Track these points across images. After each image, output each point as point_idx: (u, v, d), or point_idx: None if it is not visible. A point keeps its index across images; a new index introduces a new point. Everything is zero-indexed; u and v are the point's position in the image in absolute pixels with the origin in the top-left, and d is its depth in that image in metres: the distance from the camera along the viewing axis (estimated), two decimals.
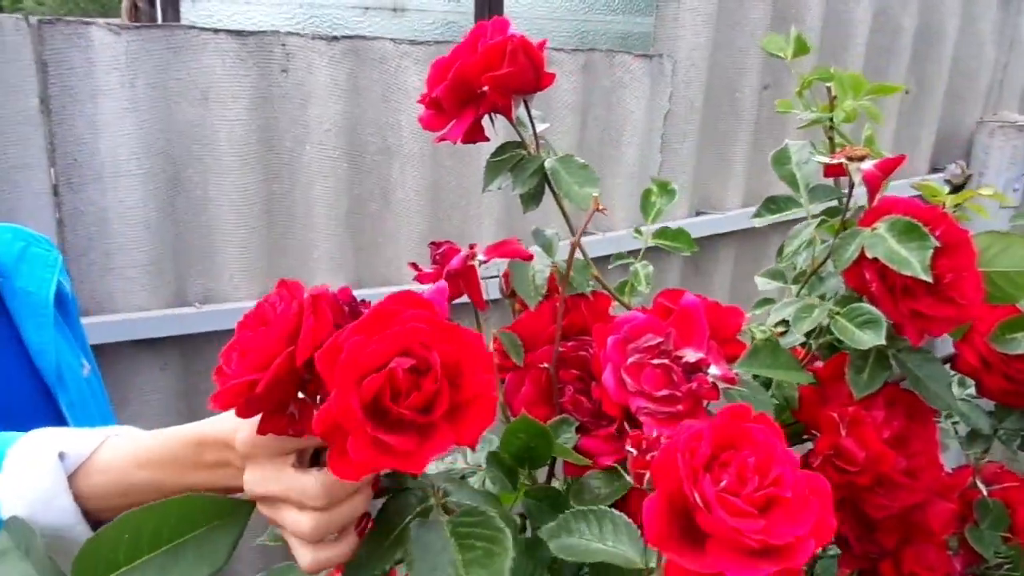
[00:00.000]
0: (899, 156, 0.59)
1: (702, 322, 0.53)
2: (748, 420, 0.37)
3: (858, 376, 0.61)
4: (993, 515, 0.74)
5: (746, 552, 0.34)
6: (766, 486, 0.35)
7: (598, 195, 0.58)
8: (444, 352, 0.36)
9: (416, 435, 0.36)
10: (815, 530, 0.35)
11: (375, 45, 1.58)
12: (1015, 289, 0.60)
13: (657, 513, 0.36)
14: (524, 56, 0.55)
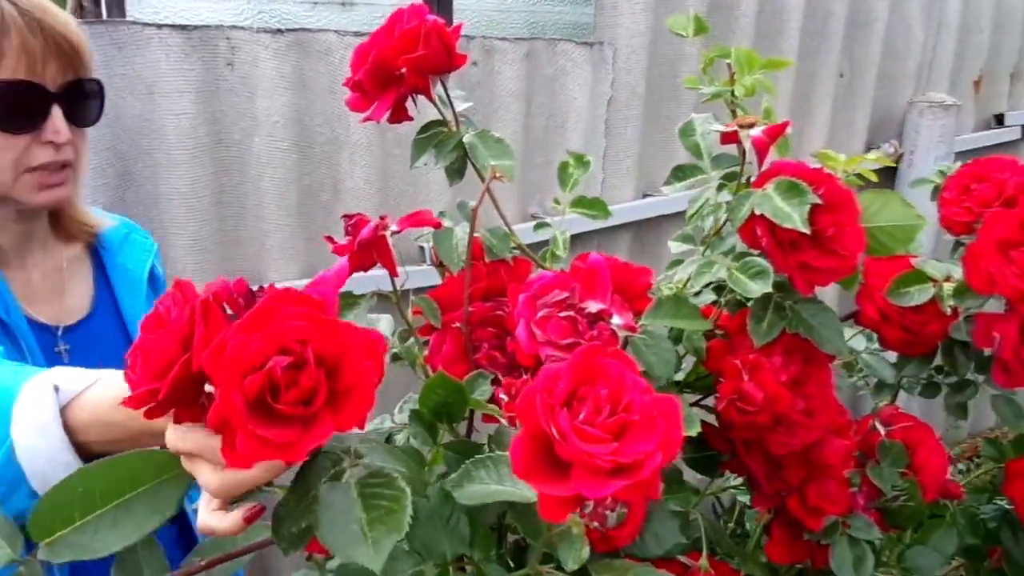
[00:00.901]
0: (784, 122, 0.65)
1: (605, 278, 0.58)
2: (603, 357, 0.42)
3: (758, 326, 0.67)
4: (893, 454, 0.81)
5: (602, 473, 0.39)
6: (617, 412, 0.40)
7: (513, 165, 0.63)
8: (321, 346, 0.40)
9: (300, 426, 0.40)
10: (663, 445, 0.40)
11: (320, 37, 1.61)
12: (893, 242, 0.66)
13: (522, 449, 0.41)
14: (437, 39, 0.60)
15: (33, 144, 0.88)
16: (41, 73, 0.87)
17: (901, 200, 0.66)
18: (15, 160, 0.88)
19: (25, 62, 0.85)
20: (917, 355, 0.84)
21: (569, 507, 0.41)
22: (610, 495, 0.39)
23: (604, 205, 0.73)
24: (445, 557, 0.55)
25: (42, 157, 0.89)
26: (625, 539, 0.63)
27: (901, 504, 0.76)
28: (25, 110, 0.87)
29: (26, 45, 0.85)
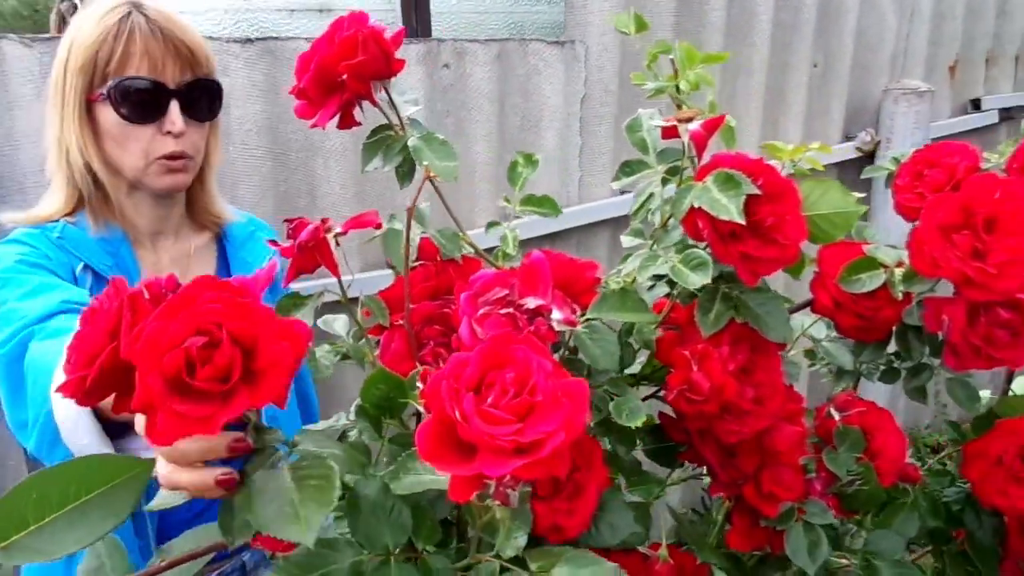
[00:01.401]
0: (720, 116, 0.66)
1: (546, 274, 0.59)
2: (513, 343, 0.43)
3: (705, 316, 0.68)
4: (850, 439, 0.82)
5: (504, 453, 0.40)
6: (523, 395, 0.41)
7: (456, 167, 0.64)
8: (236, 328, 0.42)
9: (218, 401, 0.42)
10: (565, 425, 0.41)
11: (290, 45, 1.62)
12: (833, 229, 0.68)
13: (427, 433, 0.42)
14: (375, 45, 0.61)
15: (156, 135, 1.03)
16: (161, 72, 1.01)
17: (840, 188, 0.67)
18: (144, 149, 1.03)
19: (148, 62, 1.00)
20: (872, 341, 0.85)
21: (472, 487, 0.42)
22: (509, 473, 0.40)
23: (554, 203, 0.74)
24: (388, 548, 0.56)
25: (166, 147, 1.03)
26: (576, 529, 0.64)
27: (857, 488, 0.77)
28: (147, 104, 1.02)
29: (149, 48, 1.00)
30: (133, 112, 1.01)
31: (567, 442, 0.42)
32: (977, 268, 0.69)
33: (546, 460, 0.41)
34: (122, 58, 1.00)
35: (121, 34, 0.99)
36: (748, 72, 2.20)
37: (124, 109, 1.00)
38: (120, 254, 1.06)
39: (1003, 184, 0.70)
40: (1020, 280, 0.69)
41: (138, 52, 1.00)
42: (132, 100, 1.01)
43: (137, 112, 1.01)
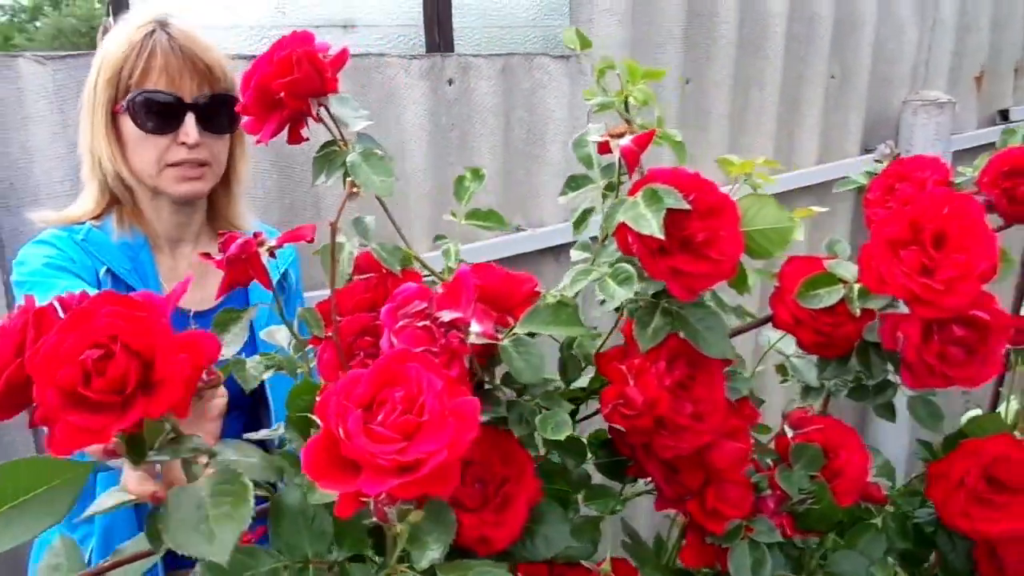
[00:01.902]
0: (650, 131, 0.66)
1: (468, 288, 0.60)
2: (407, 361, 0.44)
3: (643, 331, 0.68)
4: (808, 456, 0.81)
5: (385, 471, 0.41)
6: (410, 413, 0.42)
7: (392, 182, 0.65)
8: (132, 341, 0.43)
9: (116, 412, 0.43)
10: (450, 445, 0.41)
11: None
12: (770, 244, 0.67)
13: (314, 449, 0.43)
14: (309, 64, 0.62)
15: (172, 144, 1.08)
16: (179, 86, 1.07)
17: (775, 204, 0.67)
18: (158, 157, 1.08)
19: (166, 77, 1.06)
20: (833, 357, 0.83)
21: (352, 504, 0.43)
22: (385, 492, 0.41)
23: (499, 216, 0.75)
24: (307, 556, 0.57)
25: (177, 155, 1.08)
26: (504, 540, 0.64)
27: (808, 507, 0.76)
28: (164, 116, 1.07)
29: (167, 64, 1.06)
30: (150, 123, 1.07)
31: (450, 461, 0.43)
32: (923, 284, 0.68)
33: (423, 480, 0.41)
34: (143, 72, 1.06)
35: (144, 50, 1.06)
36: (760, 85, 2.18)
37: (141, 120, 1.07)
38: (139, 259, 1.10)
39: (953, 199, 0.69)
40: (968, 297, 0.68)
41: (157, 67, 1.06)
42: (149, 112, 1.07)
43: (154, 123, 1.07)
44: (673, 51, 2.02)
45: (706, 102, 2.12)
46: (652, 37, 2.00)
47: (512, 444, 0.67)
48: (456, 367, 0.56)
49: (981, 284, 0.68)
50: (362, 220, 0.73)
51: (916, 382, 0.76)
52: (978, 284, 0.67)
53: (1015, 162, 0.83)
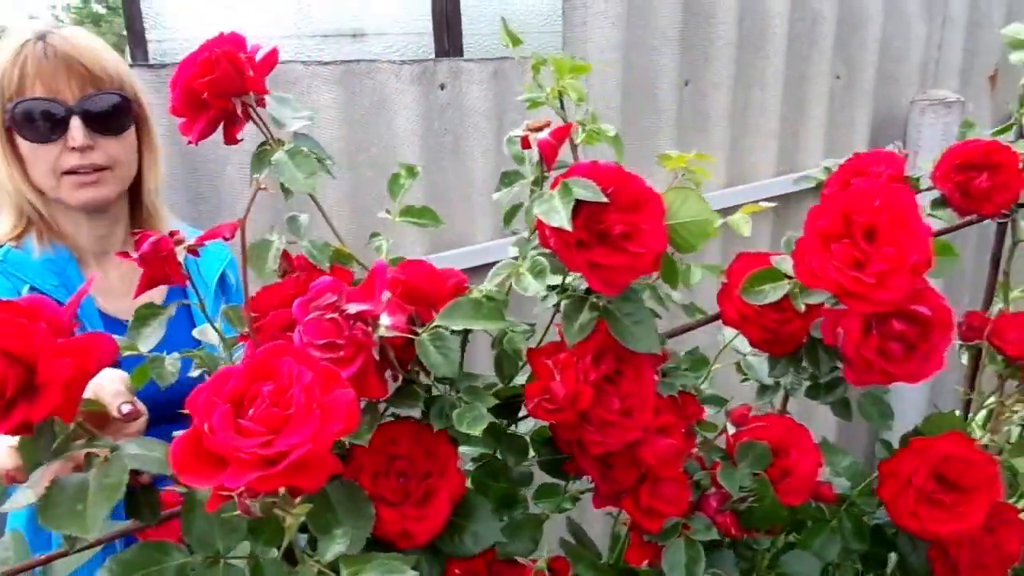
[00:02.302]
0: (568, 124, 0.66)
1: (380, 282, 0.60)
2: (281, 355, 0.44)
3: (570, 325, 0.68)
4: (754, 455, 0.80)
5: (249, 465, 0.41)
6: (276, 407, 0.42)
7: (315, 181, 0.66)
8: (11, 346, 0.44)
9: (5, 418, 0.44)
10: (314, 438, 0.41)
11: (286, 68, 1.68)
12: (692, 237, 0.67)
13: (181, 444, 0.43)
14: (227, 64, 0.63)
15: (63, 151, 1.05)
16: (57, 91, 1.03)
17: (698, 197, 0.66)
18: (51, 167, 1.05)
19: (41, 84, 1.03)
20: (782, 354, 0.82)
21: (219, 498, 0.43)
22: (245, 486, 0.41)
23: (434, 214, 0.75)
24: (218, 551, 0.58)
25: (70, 162, 1.05)
26: (426, 534, 0.65)
27: (749, 505, 0.75)
28: (48, 123, 1.04)
29: (41, 70, 1.02)
30: (33, 133, 1.04)
31: (314, 454, 0.43)
32: (854, 278, 0.66)
33: (284, 473, 0.42)
34: (19, 83, 1.02)
35: (16, 61, 1.02)
36: (762, 85, 2.16)
37: (25, 131, 1.04)
38: (66, 273, 1.08)
39: (883, 191, 0.68)
40: (901, 291, 0.66)
41: (31, 75, 1.02)
42: (32, 121, 1.03)
43: (37, 132, 1.04)
44: (670, 53, 2.01)
45: (705, 103, 2.11)
46: (648, 40, 1.99)
47: (437, 440, 0.67)
48: (361, 359, 0.56)
49: (914, 277, 0.66)
50: (296, 218, 0.74)
51: (857, 378, 0.74)
52: (910, 277, 0.66)
53: (968, 156, 0.82)
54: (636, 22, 1.96)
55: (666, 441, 0.70)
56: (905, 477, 0.77)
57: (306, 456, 0.42)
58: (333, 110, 1.71)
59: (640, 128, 2.04)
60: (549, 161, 0.66)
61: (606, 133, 0.74)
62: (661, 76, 2.02)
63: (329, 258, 0.70)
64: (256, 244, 0.69)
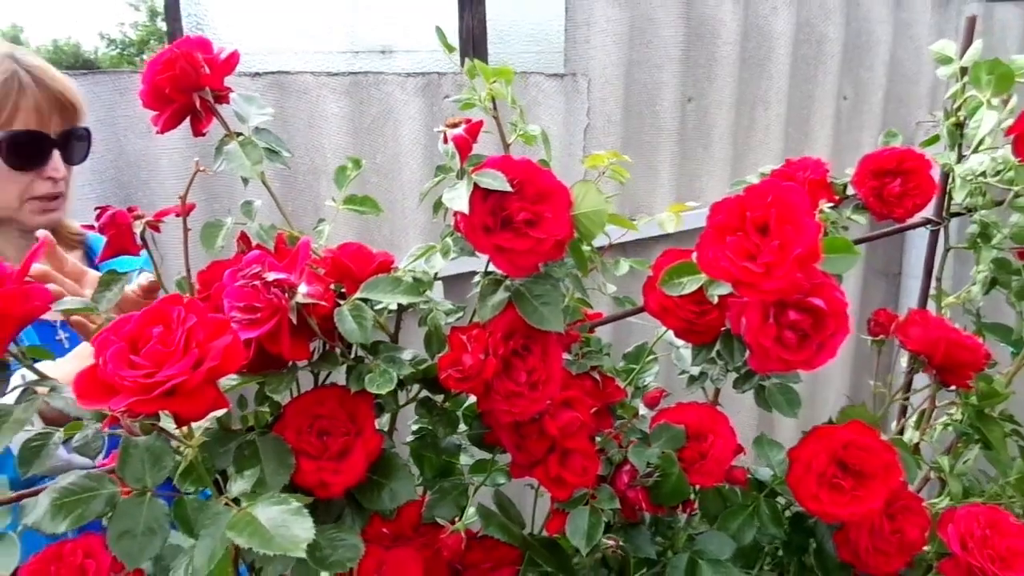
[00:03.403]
0: (479, 122, 0.73)
1: (303, 256, 0.68)
2: (174, 305, 0.52)
3: (484, 302, 0.75)
4: (668, 436, 0.85)
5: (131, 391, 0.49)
6: (161, 345, 0.50)
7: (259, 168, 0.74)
8: None
9: None
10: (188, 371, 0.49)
11: (298, 79, 1.79)
12: (592, 226, 0.73)
13: (84, 374, 0.51)
14: (185, 62, 0.72)
15: (36, 179, 1.14)
16: (46, 124, 1.13)
17: (596, 190, 0.73)
18: (20, 192, 1.14)
19: (35, 116, 1.11)
20: (703, 344, 0.88)
21: (111, 420, 0.51)
22: (126, 407, 0.49)
23: (374, 203, 0.83)
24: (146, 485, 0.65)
25: (42, 189, 1.15)
26: (340, 486, 0.71)
27: (656, 481, 0.80)
28: (32, 153, 1.13)
29: (37, 103, 1.11)
30: (19, 160, 1.11)
31: (186, 384, 0.50)
32: (743, 268, 0.72)
33: (158, 398, 0.49)
34: (11, 112, 1.09)
35: (10, 92, 1.09)
36: (765, 104, 2.20)
37: (12, 158, 1.10)
38: None
39: (777, 190, 0.74)
40: (786, 281, 0.72)
41: (26, 107, 1.10)
42: (18, 150, 1.10)
43: (23, 160, 1.11)
44: (673, 71, 2.07)
45: (708, 121, 2.16)
46: (651, 58, 2.06)
47: (359, 403, 0.75)
48: (274, 321, 0.64)
49: (799, 268, 0.72)
50: (250, 203, 0.82)
51: (759, 366, 0.79)
52: (795, 268, 0.71)
53: (882, 163, 0.87)
54: (638, 40, 2.02)
55: (570, 413, 0.76)
56: (807, 461, 0.82)
57: (180, 386, 0.49)
58: (341, 119, 1.81)
59: (640, 143, 2.10)
60: (463, 154, 0.73)
61: (529, 134, 0.81)
62: (663, 93, 2.08)
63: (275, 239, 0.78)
64: (209, 224, 0.77)
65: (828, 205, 0.87)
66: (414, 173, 1.88)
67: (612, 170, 0.86)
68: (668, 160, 2.12)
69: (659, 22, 2.02)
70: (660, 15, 2.00)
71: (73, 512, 0.63)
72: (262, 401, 0.75)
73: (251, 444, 0.70)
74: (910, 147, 0.90)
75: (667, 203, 2.14)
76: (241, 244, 0.83)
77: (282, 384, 0.68)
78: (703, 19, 2.06)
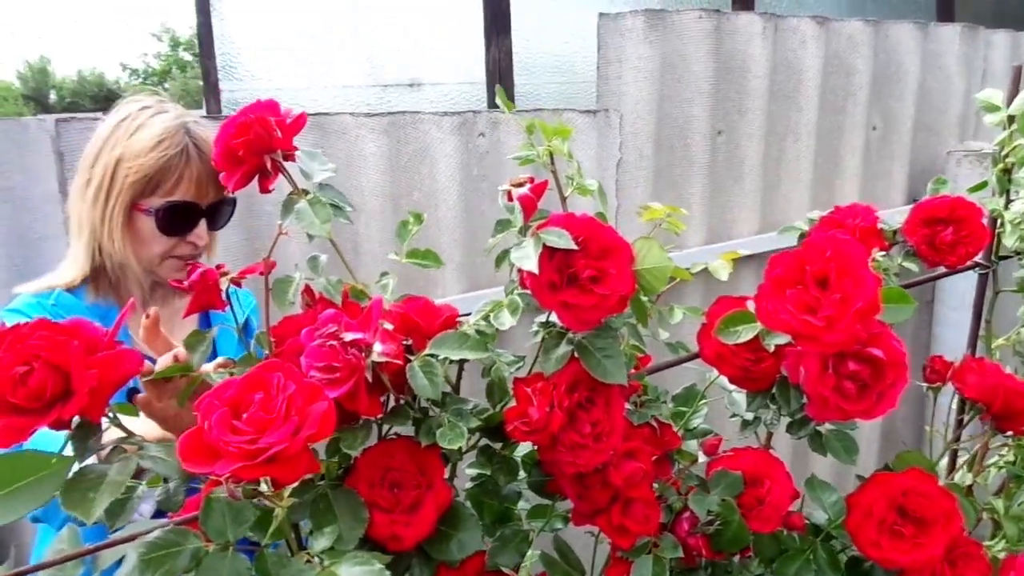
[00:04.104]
0: (544, 182, 0.75)
1: (376, 314, 0.70)
2: (274, 371, 0.54)
3: (548, 356, 0.76)
4: (727, 483, 0.86)
5: (236, 457, 0.51)
6: (263, 412, 0.52)
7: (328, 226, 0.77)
8: (52, 359, 0.55)
9: (36, 415, 0.55)
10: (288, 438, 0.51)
11: (337, 119, 1.83)
12: (655, 281, 0.75)
13: (188, 438, 0.53)
14: (259, 127, 0.75)
15: (181, 242, 1.21)
16: (203, 195, 1.19)
17: (659, 247, 0.75)
18: (164, 252, 1.21)
19: (194, 188, 1.18)
20: (758, 390, 0.89)
21: (212, 484, 0.53)
22: (231, 473, 0.51)
23: (435, 256, 0.85)
24: (228, 539, 0.67)
25: (184, 251, 1.21)
26: (412, 539, 0.73)
27: (717, 528, 0.81)
28: (183, 221, 1.19)
29: (199, 175, 1.18)
30: (171, 227, 1.18)
31: (287, 452, 0.53)
32: (804, 321, 0.73)
33: (261, 465, 0.52)
34: (175, 183, 1.17)
35: (179, 164, 1.16)
36: (796, 136, 2.22)
37: (164, 224, 1.17)
38: (110, 318, 1.19)
39: (835, 244, 0.75)
40: (847, 334, 0.73)
41: (189, 178, 1.17)
42: (174, 217, 1.18)
43: (175, 227, 1.19)
44: (703, 105, 2.09)
45: (739, 153, 2.18)
46: (681, 92, 2.08)
47: (428, 456, 0.76)
48: (353, 380, 0.66)
49: (860, 321, 0.73)
50: (316, 258, 0.85)
51: (817, 414, 0.81)
52: (856, 321, 0.73)
53: (934, 212, 0.88)
54: (669, 76, 2.05)
55: (633, 464, 0.78)
56: (867, 507, 0.82)
57: (281, 452, 0.51)
58: (379, 158, 1.84)
59: (672, 176, 2.12)
60: (528, 213, 0.75)
61: (589, 188, 0.83)
62: (694, 127, 2.11)
63: (341, 293, 0.80)
64: (279, 280, 0.80)
65: (880, 253, 0.88)
66: (450, 209, 1.91)
67: (669, 223, 0.88)
68: (699, 192, 2.13)
69: (689, 58, 2.05)
70: (690, 51, 2.03)
71: (162, 567, 0.65)
72: (333, 453, 0.76)
73: (325, 498, 0.72)
74: (961, 195, 0.91)
75: (699, 235, 2.16)
76: (306, 297, 0.85)
77: (358, 440, 0.70)
78: (733, 54, 2.09)
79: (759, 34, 2.08)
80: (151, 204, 1.17)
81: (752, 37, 2.09)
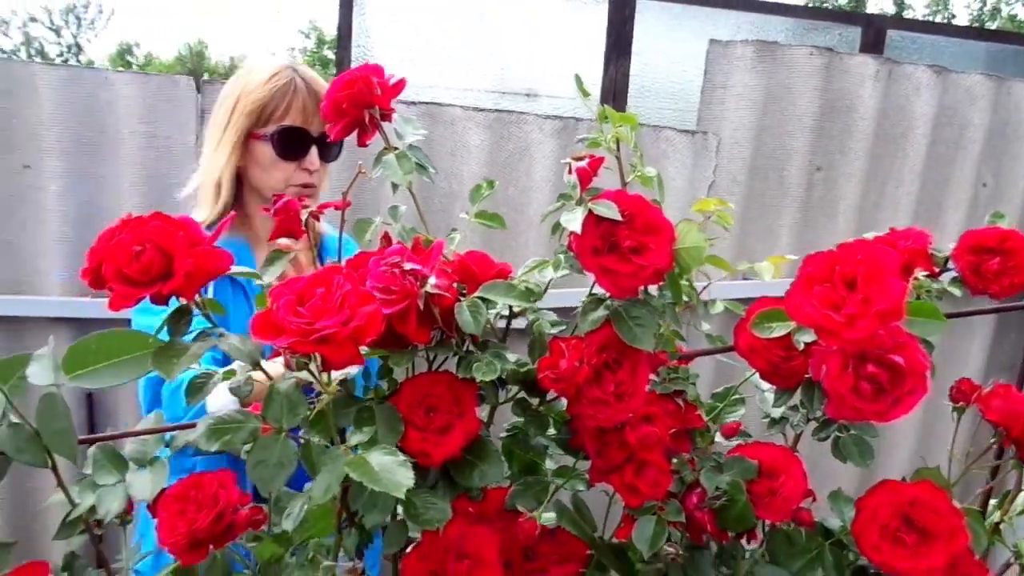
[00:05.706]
0: (601, 157, 0.83)
1: (436, 254, 0.80)
2: (335, 273, 0.65)
3: (585, 317, 0.84)
4: (741, 467, 0.91)
5: (294, 333, 0.61)
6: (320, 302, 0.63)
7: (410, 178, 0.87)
8: (161, 243, 0.66)
9: (145, 287, 0.67)
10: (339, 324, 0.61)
11: (447, 110, 1.96)
12: (691, 260, 0.81)
13: (260, 317, 0.64)
14: (362, 83, 0.86)
15: (297, 169, 1.40)
16: (309, 123, 1.38)
17: (698, 229, 0.81)
18: (284, 178, 1.40)
19: (302, 117, 1.38)
20: (785, 388, 0.93)
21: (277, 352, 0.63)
22: (288, 345, 0.61)
23: (501, 219, 0.94)
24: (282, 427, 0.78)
25: (301, 179, 1.40)
26: (439, 457, 0.82)
27: (723, 505, 0.86)
28: (297, 146, 1.38)
29: (304, 104, 1.38)
30: (286, 151, 1.38)
31: (336, 336, 0.63)
32: (826, 315, 0.78)
33: (313, 342, 0.62)
34: (285, 110, 1.37)
35: (287, 92, 1.37)
36: (897, 181, 2.20)
37: (279, 148, 1.37)
38: (241, 256, 1.37)
39: (868, 248, 0.80)
40: (866, 332, 0.77)
41: (297, 107, 1.37)
42: (286, 142, 1.37)
43: (289, 151, 1.38)
44: (803, 139, 2.11)
45: (836, 192, 2.18)
46: (783, 124, 2.11)
47: (465, 390, 0.85)
48: (405, 303, 0.76)
49: (879, 322, 0.77)
50: (396, 208, 0.95)
51: (834, 412, 0.84)
52: (875, 321, 0.77)
53: (983, 240, 0.90)
54: (773, 107, 2.08)
55: (649, 427, 0.84)
56: (872, 510, 0.85)
57: (331, 336, 0.61)
58: (481, 151, 1.96)
59: (763, 205, 2.15)
60: (584, 183, 0.83)
61: (645, 175, 0.90)
62: (792, 160, 2.13)
63: (413, 240, 0.91)
64: (360, 220, 0.91)
65: (924, 274, 0.92)
66: (541, 208, 2.00)
67: (717, 215, 0.94)
68: (789, 225, 2.15)
69: (796, 92, 2.08)
70: (797, 85, 2.06)
71: (223, 437, 0.77)
72: (384, 375, 0.86)
73: (369, 409, 0.82)
74: (1015, 228, 0.93)
75: (785, 266, 2.17)
76: (384, 242, 0.96)
77: (404, 359, 0.80)
78: (842, 93, 2.10)
79: (871, 76, 2.08)
80: (266, 131, 1.36)
81: (864, 79, 2.10)
